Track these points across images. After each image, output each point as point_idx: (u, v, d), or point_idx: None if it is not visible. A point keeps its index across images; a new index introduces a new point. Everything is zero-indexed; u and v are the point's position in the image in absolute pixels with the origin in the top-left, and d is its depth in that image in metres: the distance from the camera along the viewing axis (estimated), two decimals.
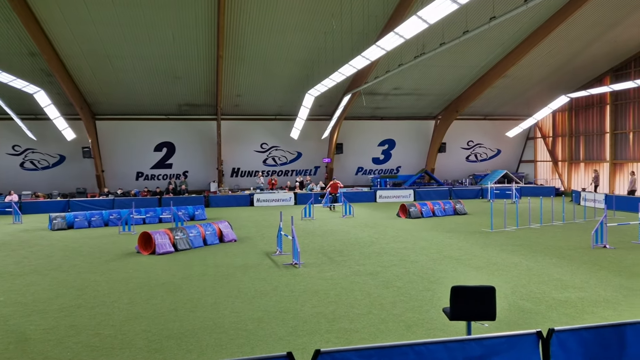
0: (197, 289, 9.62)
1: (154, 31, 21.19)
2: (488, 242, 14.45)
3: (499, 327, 6.79)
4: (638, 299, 8.43)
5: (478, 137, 35.55)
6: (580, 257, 12.12)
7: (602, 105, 29.98)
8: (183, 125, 30.48)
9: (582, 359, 5.08)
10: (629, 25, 23.57)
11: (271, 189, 30.56)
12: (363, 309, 8.16)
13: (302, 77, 26.00)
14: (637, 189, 26.03)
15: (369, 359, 4.61)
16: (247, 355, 6.26)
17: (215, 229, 15.37)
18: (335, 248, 13.93)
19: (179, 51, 22.94)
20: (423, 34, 16.03)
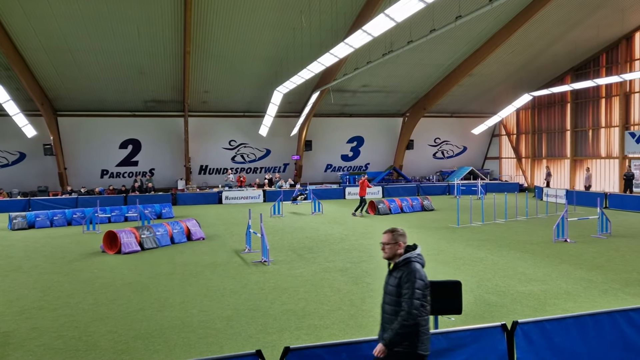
0: (164, 288, 9.47)
1: (119, 25, 20.68)
2: (455, 238, 14.71)
3: (465, 321, 6.93)
4: (597, 291, 8.74)
5: (445, 134, 36.13)
6: (543, 251, 12.48)
7: (563, 103, 30.89)
8: (149, 122, 29.90)
9: (544, 349, 5.24)
10: (588, 27, 24.34)
11: (240, 186, 30.33)
12: (333, 305, 8.20)
13: (271, 74, 25.86)
14: (592, 184, 27.00)
15: (338, 355, 4.65)
16: (216, 354, 6.21)
17: (183, 227, 15.17)
18: (304, 245, 13.94)
19: (145, 46, 22.48)
20: (391, 32, 16.17)
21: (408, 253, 4.28)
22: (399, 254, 4.27)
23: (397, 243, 4.27)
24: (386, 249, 4.31)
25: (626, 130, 26.58)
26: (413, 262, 4.21)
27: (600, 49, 27.46)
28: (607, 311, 5.57)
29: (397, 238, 4.29)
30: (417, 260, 4.26)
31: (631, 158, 26.44)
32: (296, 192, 24.15)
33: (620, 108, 26.79)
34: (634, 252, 12.13)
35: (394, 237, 4.29)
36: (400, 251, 4.28)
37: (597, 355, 5.40)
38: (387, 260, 4.47)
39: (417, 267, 4.19)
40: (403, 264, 4.21)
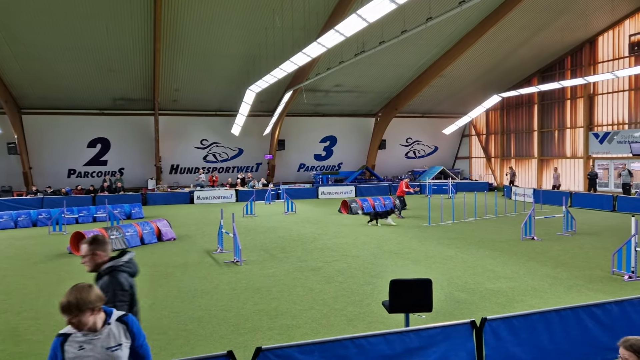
0: None
1: (86, 21, 20.21)
2: (426, 236, 14.90)
3: (436, 318, 7.03)
4: (562, 287, 8.99)
5: (416, 134, 36.55)
6: (511, 248, 12.75)
7: (530, 104, 31.63)
8: (118, 120, 29.32)
9: (512, 344, 5.36)
10: (554, 30, 24.99)
11: (212, 186, 30.03)
12: (305, 304, 8.20)
13: (243, 72, 25.69)
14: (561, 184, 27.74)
15: (310, 354, 4.65)
16: (187, 355, 6.14)
17: (153, 227, 14.94)
18: (277, 245, 13.90)
19: (114, 43, 22.02)
20: (363, 33, 16.27)
21: (113, 261, 4.04)
22: (101, 264, 4.04)
23: (95, 254, 4.02)
24: (87, 262, 4.05)
25: (590, 131, 27.39)
26: (117, 271, 4.01)
27: (565, 52, 28.22)
28: (571, 307, 5.74)
29: (95, 249, 4.03)
30: (122, 269, 4.04)
31: (595, 158, 27.26)
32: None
33: (585, 109, 27.59)
34: (597, 249, 12.51)
35: (91, 249, 4.03)
36: (101, 260, 4.04)
37: (562, 350, 5.55)
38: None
39: (118, 276, 3.98)
40: (105, 273, 3.99)
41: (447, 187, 29.15)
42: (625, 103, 25.54)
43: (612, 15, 24.42)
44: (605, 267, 10.37)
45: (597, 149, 26.99)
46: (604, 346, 5.69)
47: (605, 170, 27.05)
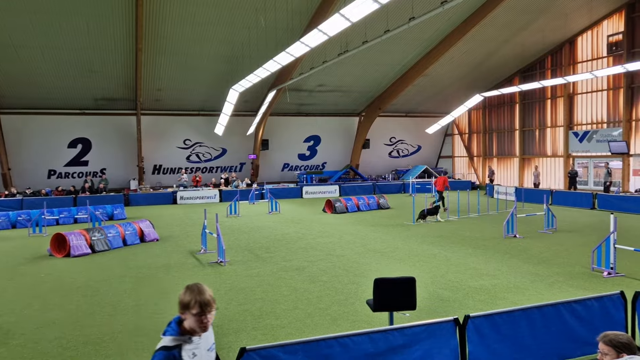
0: (116, 292, 9.20)
1: (66, 20, 19.91)
2: (410, 235, 14.99)
3: (420, 316, 7.07)
4: (543, 284, 9.11)
5: (400, 133, 36.74)
6: (494, 246, 12.89)
7: (512, 104, 32.00)
8: (100, 120, 28.94)
9: (494, 342, 5.42)
10: (534, 30, 25.32)
11: (195, 186, 29.82)
12: (289, 304, 8.19)
13: (226, 72, 25.55)
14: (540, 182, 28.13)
15: (295, 354, 4.64)
16: None
17: (136, 228, 14.78)
18: (261, 245, 13.86)
19: (95, 42, 21.72)
20: (346, 32, 16.29)
21: None
22: None
23: None
24: None
25: (570, 130, 27.82)
26: None
27: (546, 52, 28.61)
28: (552, 303, 5.82)
29: None
30: None
31: (575, 157, 27.70)
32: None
33: (565, 109, 28.00)
34: (578, 246, 12.71)
35: None
36: None
37: (544, 346, 5.63)
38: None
39: None
40: None
41: (431, 186, 29.35)
42: (604, 102, 25.99)
43: (590, 16, 24.83)
44: (585, 264, 10.54)
45: (577, 147, 27.42)
46: (584, 341, 5.79)
47: (584, 169, 27.49)
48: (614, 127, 25.30)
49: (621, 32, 24.36)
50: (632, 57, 23.60)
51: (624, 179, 24.69)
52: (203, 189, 28.99)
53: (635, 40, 23.91)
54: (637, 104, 24.19)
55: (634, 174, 24.18)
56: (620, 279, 9.36)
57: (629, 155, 24.41)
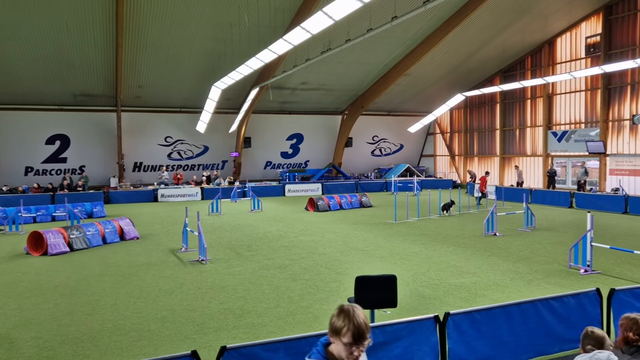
0: (95, 291, 9.07)
1: (44, 14, 19.53)
2: (392, 233, 15.07)
3: (401, 314, 7.11)
4: (522, 281, 9.24)
5: (382, 132, 36.89)
6: (474, 244, 13.03)
7: (493, 103, 32.37)
8: (79, 117, 28.47)
9: (474, 339, 5.47)
10: (515, 31, 25.64)
11: (176, 183, 29.55)
12: (271, 302, 8.17)
13: (208, 68, 25.35)
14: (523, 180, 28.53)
15: (276, 352, 4.63)
16: (150, 356, 6.01)
17: (116, 226, 14.59)
18: (243, 243, 13.80)
19: (74, 37, 21.35)
20: (329, 30, 16.29)
21: None
22: None
23: None
24: None
25: (549, 129, 28.25)
26: None
27: (526, 53, 29.00)
28: (531, 300, 5.91)
29: None
30: None
31: (553, 156, 28.14)
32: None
33: (544, 109, 28.43)
34: (555, 244, 12.92)
35: None
36: None
37: (522, 342, 5.71)
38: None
39: None
40: None
41: (412, 184, 29.56)
42: (582, 103, 26.45)
43: (569, 18, 25.23)
44: (563, 262, 10.72)
45: (556, 147, 27.86)
46: (561, 337, 5.89)
47: (563, 168, 27.95)
48: (592, 127, 25.76)
49: (599, 34, 24.81)
50: (609, 59, 24.06)
51: (600, 178, 25.18)
52: (184, 186, 28.74)
53: (612, 42, 24.38)
54: (614, 104, 24.67)
55: (610, 174, 24.67)
56: (596, 276, 9.54)
57: (605, 155, 24.89)
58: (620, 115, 24.31)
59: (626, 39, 23.73)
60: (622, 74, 24.03)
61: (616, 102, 24.56)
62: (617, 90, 24.52)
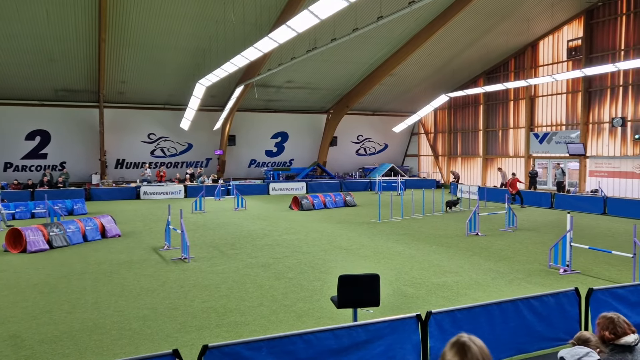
0: (75, 289, 8.95)
1: (24, 6, 19.17)
2: (375, 232, 15.13)
3: (383, 313, 7.15)
4: (503, 281, 9.36)
5: (367, 131, 37.00)
6: (457, 244, 13.15)
7: (476, 104, 32.68)
8: (60, 112, 28.02)
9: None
10: (499, 33, 25.90)
11: (159, 181, 29.29)
12: (254, 301, 8.15)
13: (193, 65, 25.16)
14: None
15: (258, 351, 4.63)
16: (131, 355, 5.95)
17: (97, 223, 14.42)
18: (227, 241, 13.73)
19: (55, 31, 21.01)
20: (315, 29, 16.28)
21: None
22: None
23: None
24: None
25: (531, 131, 28.61)
26: None
27: (509, 55, 29.31)
28: (511, 299, 5.98)
29: None
30: None
31: (535, 157, 28.51)
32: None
33: (526, 110, 28.78)
34: (536, 244, 13.10)
35: None
36: None
37: (503, 341, 5.78)
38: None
39: None
40: None
41: (397, 184, 29.71)
42: (563, 105, 26.84)
43: (552, 21, 25.57)
44: (543, 261, 10.88)
45: (537, 148, 28.23)
46: (541, 336, 5.98)
47: (544, 169, 28.34)
48: (572, 130, 26.15)
49: (580, 38, 25.18)
50: (590, 62, 24.45)
51: (580, 179, 25.58)
52: (167, 184, 28.51)
53: (593, 46, 24.77)
54: (594, 107, 25.08)
55: (590, 175, 25.08)
56: (575, 275, 9.69)
57: (585, 156, 25.30)
58: (600, 118, 24.72)
59: (606, 43, 24.14)
60: (602, 78, 24.44)
61: (596, 105, 24.97)
62: (597, 94, 24.93)
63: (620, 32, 23.51)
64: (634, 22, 22.83)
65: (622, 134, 23.59)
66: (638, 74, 22.85)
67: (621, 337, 3.65)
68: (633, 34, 22.90)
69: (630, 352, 3.63)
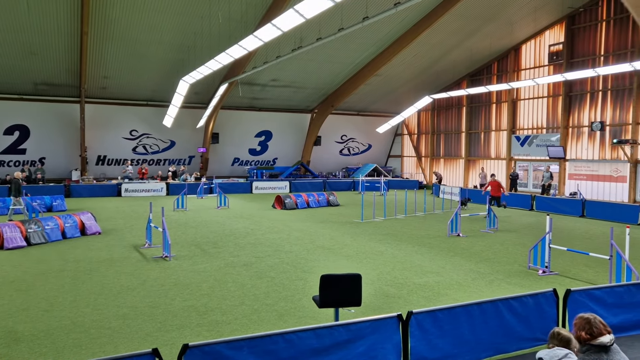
0: (53, 287, 8.81)
1: None
2: (358, 232, 15.17)
3: (365, 312, 7.17)
4: (484, 281, 9.46)
5: (351, 131, 37.09)
6: (438, 244, 13.26)
7: (459, 106, 32.98)
8: (40, 107, 27.53)
9: (435, 336, 5.57)
10: (482, 36, 26.18)
11: (141, 178, 28.96)
12: (236, 300, 8.11)
13: (177, 62, 24.93)
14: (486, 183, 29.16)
15: (239, 350, 4.61)
16: (110, 354, 5.88)
17: (77, 220, 14.20)
18: (209, 240, 13.65)
19: (36, 23, 20.62)
20: (301, 28, 16.27)
21: None
22: None
23: None
24: None
25: (513, 134, 28.98)
26: None
27: (493, 58, 29.65)
28: (491, 300, 6.05)
29: None
30: None
31: (516, 160, 28.89)
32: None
33: (508, 113, 29.14)
34: (517, 245, 13.27)
35: None
36: None
37: (482, 341, 5.85)
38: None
39: None
40: None
41: (380, 184, 29.83)
42: (544, 109, 27.24)
43: (534, 25, 25.94)
44: (522, 263, 11.03)
45: (519, 151, 28.61)
46: (520, 336, 6.06)
47: (525, 172, 28.73)
48: (553, 133, 26.56)
49: (561, 43, 25.58)
50: (571, 67, 24.85)
51: (560, 182, 25.99)
52: (149, 181, 28.21)
53: (574, 51, 25.18)
54: (574, 111, 25.50)
55: (569, 178, 25.50)
56: (554, 277, 9.85)
57: (565, 160, 25.71)
58: (580, 122, 25.15)
59: (587, 48, 24.56)
60: (582, 82, 24.87)
61: (576, 109, 25.40)
62: (577, 98, 25.35)
63: (600, 38, 23.95)
64: (614, 29, 23.28)
65: (601, 138, 24.03)
66: (617, 79, 23.31)
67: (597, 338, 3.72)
68: (613, 40, 23.35)
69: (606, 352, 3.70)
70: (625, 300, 6.71)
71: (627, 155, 22.59)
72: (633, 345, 6.21)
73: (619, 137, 23.02)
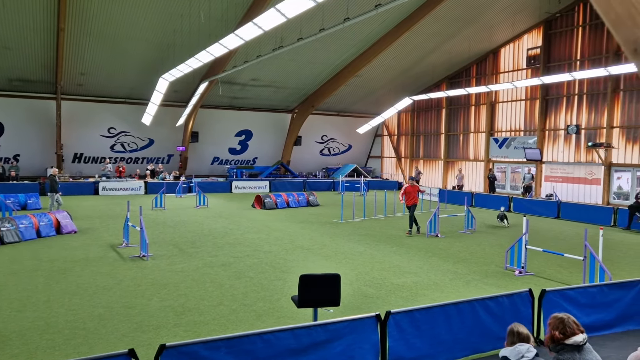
0: (26, 286, 8.62)
1: None
2: (337, 233, 15.20)
3: (344, 312, 7.19)
4: (461, 282, 9.57)
5: (331, 132, 37.14)
6: (417, 245, 13.37)
7: (439, 108, 33.29)
8: (14, 103, 26.90)
9: (413, 337, 5.62)
10: (461, 39, 26.48)
11: (119, 177, 28.53)
12: (214, 300, 8.06)
13: (157, 59, 24.62)
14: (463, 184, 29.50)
15: (216, 350, 4.58)
16: (85, 355, 5.78)
17: (52, 219, 13.93)
18: (187, 239, 13.52)
19: (10, 17, 20.14)
20: (282, 28, 16.24)
21: None
22: None
23: None
24: None
25: (491, 136, 29.37)
26: None
27: (472, 61, 29.99)
28: (468, 300, 6.12)
29: None
30: None
31: (494, 161, 29.28)
32: None
33: (487, 116, 29.52)
34: (493, 246, 13.46)
35: None
36: None
37: (459, 340, 5.92)
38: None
39: None
40: None
41: (359, 184, 29.94)
42: (522, 112, 27.67)
43: (513, 29, 26.32)
44: (499, 263, 11.19)
45: (497, 153, 29.00)
46: (496, 336, 6.14)
47: (503, 173, 29.14)
48: (530, 135, 27.00)
49: (539, 47, 26.02)
50: (548, 71, 25.30)
51: (536, 184, 26.42)
52: (127, 180, 27.81)
53: (551, 55, 25.63)
54: (551, 114, 25.96)
55: (545, 180, 25.95)
56: (529, 277, 10.01)
57: (541, 162, 26.16)
58: (556, 125, 25.62)
59: (563, 52, 25.03)
60: (558, 86, 25.33)
61: (553, 112, 25.86)
62: (553, 101, 25.82)
63: (576, 43, 24.42)
64: (590, 34, 23.77)
65: (577, 141, 24.51)
66: (592, 83, 23.81)
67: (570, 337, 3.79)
68: (588, 45, 23.84)
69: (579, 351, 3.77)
70: (598, 301, 6.86)
71: (601, 158, 23.09)
72: (605, 345, 6.36)
73: (593, 140, 23.50)
